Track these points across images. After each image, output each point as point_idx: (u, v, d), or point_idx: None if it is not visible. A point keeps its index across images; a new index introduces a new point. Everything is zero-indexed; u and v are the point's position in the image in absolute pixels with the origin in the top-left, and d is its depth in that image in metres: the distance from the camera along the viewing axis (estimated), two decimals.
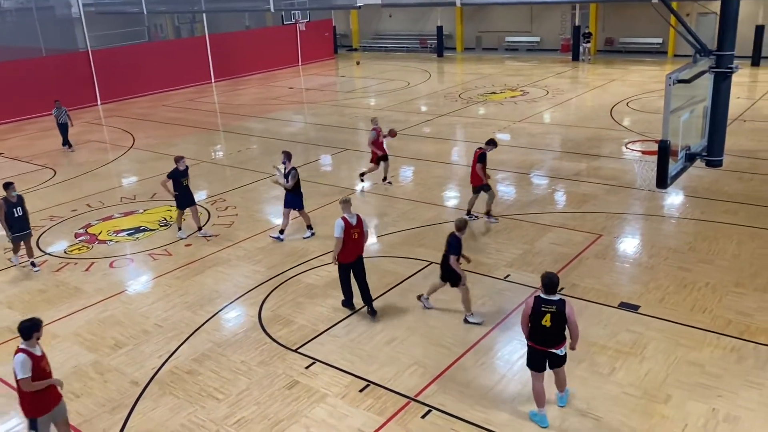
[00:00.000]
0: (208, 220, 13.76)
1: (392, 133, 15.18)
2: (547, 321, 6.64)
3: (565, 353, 6.87)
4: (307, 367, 8.32)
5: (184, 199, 12.59)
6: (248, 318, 9.68)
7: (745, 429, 6.80)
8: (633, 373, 7.81)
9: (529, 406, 7.26)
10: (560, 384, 7.19)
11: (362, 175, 15.49)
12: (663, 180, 6.89)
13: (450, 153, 18.24)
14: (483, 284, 10.25)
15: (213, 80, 33.40)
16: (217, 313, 9.89)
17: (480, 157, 12.36)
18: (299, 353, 8.65)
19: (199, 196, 15.40)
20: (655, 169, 7.13)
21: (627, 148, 17.37)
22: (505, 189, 14.80)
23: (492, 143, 12.70)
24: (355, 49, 44.47)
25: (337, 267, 9.42)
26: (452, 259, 8.80)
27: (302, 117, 24.37)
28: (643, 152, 16.76)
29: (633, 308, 9.26)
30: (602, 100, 23.74)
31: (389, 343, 8.75)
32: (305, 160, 18.16)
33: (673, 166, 7.07)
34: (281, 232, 12.44)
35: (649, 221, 12.51)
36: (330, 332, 9.12)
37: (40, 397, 6.27)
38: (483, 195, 12.53)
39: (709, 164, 7.71)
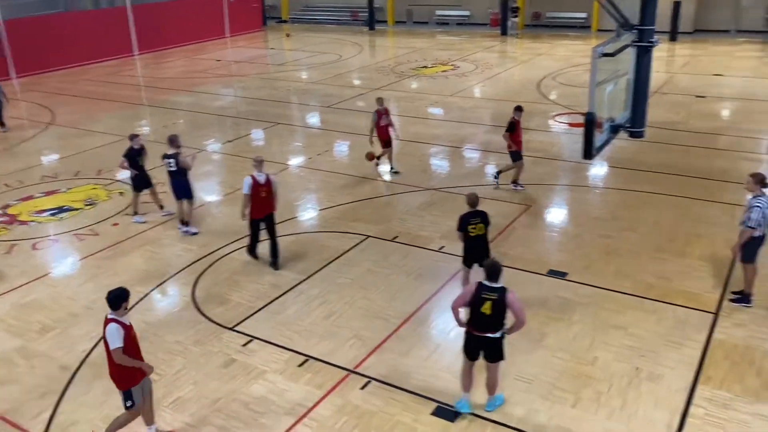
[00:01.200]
0: None
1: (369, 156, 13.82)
2: (487, 309, 6.49)
3: (501, 339, 6.64)
4: (244, 345, 8.26)
5: (141, 180, 11.94)
6: (182, 298, 9.50)
7: (666, 386, 7.23)
8: (562, 338, 8.15)
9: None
10: (490, 385, 6.95)
11: (378, 158, 14.12)
12: (589, 151, 7.15)
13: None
14: (419, 256, 10.40)
15: (136, 53, 32.05)
16: (149, 293, 9.65)
17: (509, 126, 12.54)
18: (236, 331, 8.57)
19: (125, 173, 14.86)
20: (582, 140, 7.39)
21: (554, 120, 17.85)
22: (438, 162, 14.98)
23: (519, 109, 12.72)
24: (285, 21, 43.56)
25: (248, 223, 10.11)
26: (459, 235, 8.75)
27: (231, 90, 23.79)
28: (570, 124, 17.27)
29: (561, 275, 9.62)
30: (530, 74, 24.24)
31: (327, 318, 8.79)
32: (236, 135, 17.81)
33: (598, 138, 7.33)
34: (186, 223, 11.56)
35: (576, 191, 12.97)
36: (267, 309, 9.07)
37: (130, 367, 6.21)
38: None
39: (632, 135, 8.06)
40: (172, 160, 11.17)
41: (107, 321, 6.17)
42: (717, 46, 28.88)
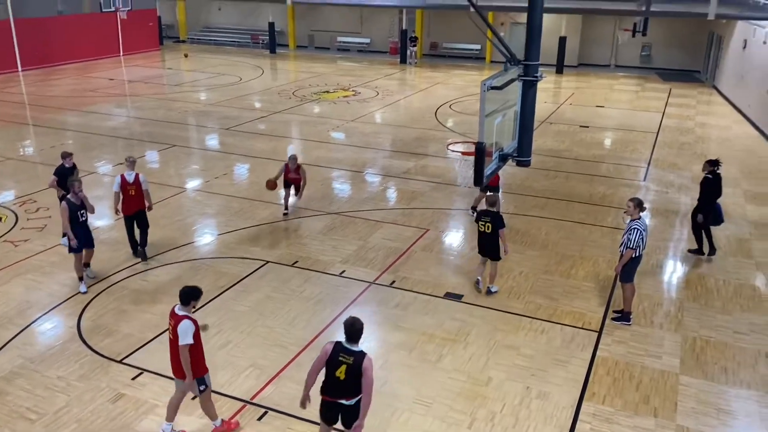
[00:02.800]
0: (16, 223, 12.47)
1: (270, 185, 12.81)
2: (341, 373, 5.91)
3: (357, 406, 6.06)
4: (133, 378, 7.88)
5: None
6: (66, 329, 8.94)
7: (555, 403, 7.58)
8: (458, 359, 8.37)
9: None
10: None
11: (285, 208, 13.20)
12: (480, 178, 7.43)
13: (285, 151, 18.15)
14: (319, 281, 10.37)
15: (20, 69, 30.20)
16: (29, 325, 9.01)
17: None
18: (125, 364, 8.17)
19: (5, 197, 13.92)
20: (473, 168, 7.67)
21: (448, 148, 18.46)
22: (339, 187, 15.06)
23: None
24: (183, 41, 42.59)
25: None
26: (501, 232, 9.69)
27: (125, 111, 22.89)
28: (464, 153, 17.92)
29: (457, 297, 9.90)
30: (428, 101, 24.99)
31: (224, 347, 8.56)
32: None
33: (488, 166, 7.65)
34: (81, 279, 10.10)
35: (470, 216, 13.42)
36: (159, 339, 8.71)
37: (199, 357, 6.69)
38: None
39: (520, 164, 8.45)
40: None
41: (180, 317, 6.58)
42: (599, 79, 31.03)
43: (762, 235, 12.49)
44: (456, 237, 12.41)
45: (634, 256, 8.92)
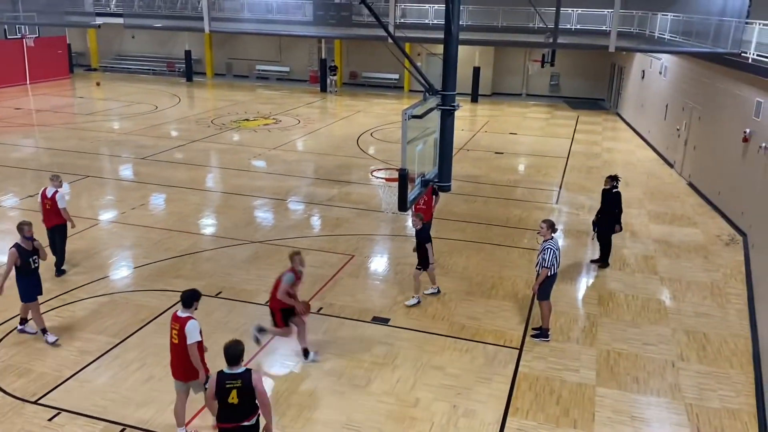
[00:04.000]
0: None
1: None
2: (234, 398, 5.95)
3: (257, 425, 6.17)
4: (50, 419, 7.51)
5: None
6: None
7: (480, 420, 7.79)
8: (386, 382, 8.47)
9: (294, 426, 7.46)
10: None
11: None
12: (403, 203, 7.65)
13: (205, 180, 17.90)
14: (245, 311, 10.25)
15: None
16: None
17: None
18: (40, 404, 7.77)
19: None
20: (397, 194, 7.90)
21: (372, 175, 18.75)
22: (263, 215, 14.98)
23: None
24: (95, 69, 41.29)
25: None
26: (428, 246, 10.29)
27: (33, 141, 21.89)
28: (387, 179, 18.24)
29: (384, 321, 10.04)
30: (349, 129, 25.31)
31: (147, 382, 8.31)
32: (38, 189, 16.32)
33: (411, 191, 7.89)
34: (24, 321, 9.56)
35: (394, 241, 13.67)
36: (77, 377, 8.35)
37: (202, 356, 7.07)
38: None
39: (440, 189, 8.75)
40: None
41: (185, 319, 6.87)
42: (511, 107, 32.39)
43: (665, 252, 13.37)
44: (381, 262, 12.59)
45: (549, 274, 9.36)
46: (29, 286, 9.08)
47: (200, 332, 7.02)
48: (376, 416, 7.78)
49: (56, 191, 11.20)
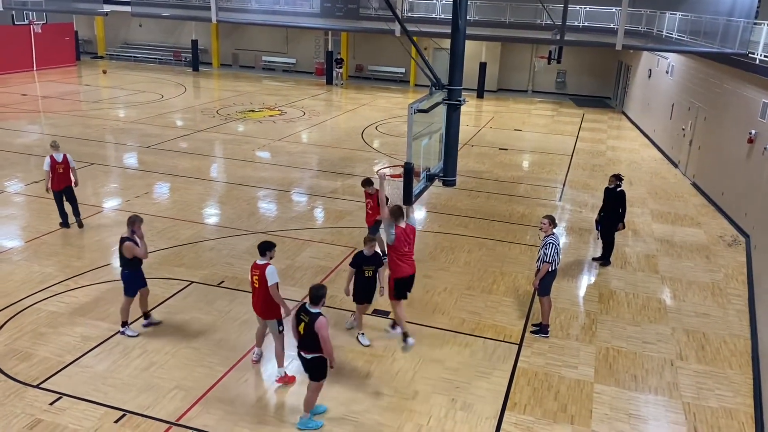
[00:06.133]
0: None
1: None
2: (301, 329, 6.98)
3: (313, 361, 7.06)
4: (51, 403, 7.58)
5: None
6: None
7: (478, 414, 7.84)
8: (386, 375, 8.51)
9: (293, 417, 7.52)
10: (305, 401, 7.35)
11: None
12: (408, 197, 7.70)
13: (209, 169, 17.94)
14: (246, 301, 10.28)
15: None
16: None
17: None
18: (42, 389, 7.84)
19: None
20: (402, 187, 7.94)
21: (377, 174, 18.75)
22: (266, 206, 15.01)
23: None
24: (101, 57, 41.31)
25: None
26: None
27: (39, 127, 21.95)
28: (392, 176, 18.22)
29: (384, 314, 10.07)
30: (354, 122, 25.30)
31: (147, 369, 8.37)
32: (43, 175, 16.40)
33: (416, 185, 7.93)
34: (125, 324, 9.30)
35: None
36: (79, 363, 8.41)
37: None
38: None
39: (445, 184, 8.81)
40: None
41: (263, 265, 7.88)
42: (517, 104, 32.34)
43: (667, 251, 13.37)
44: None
45: (550, 269, 9.38)
46: (137, 279, 9.11)
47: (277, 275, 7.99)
48: (375, 408, 7.82)
49: (64, 155, 12.64)
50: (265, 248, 8.07)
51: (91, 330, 9.20)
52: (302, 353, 7.09)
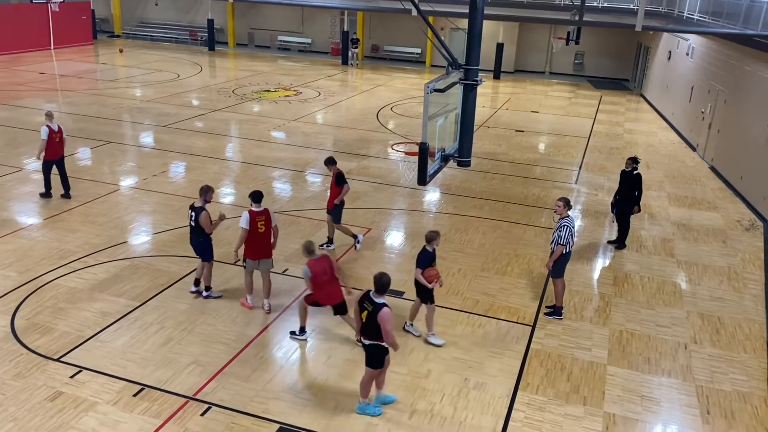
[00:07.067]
0: None
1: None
2: (364, 316, 7.03)
3: (371, 348, 7.10)
4: (72, 377, 7.74)
5: None
6: None
7: (491, 393, 7.90)
8: (399, 353, 8.55)
9: (309, 392, 7.63)
10: (360, 385, 7.46)
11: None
12: (423, 178, 7.70)
13: (224, 149, 18.02)
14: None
15: None
16: None
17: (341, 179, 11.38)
18: (62, 362, 8.00)
19: None
20: (416, 168, 7.93)
21: (392, 149, 18.74)
22: (281, 186, 15.08)
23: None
24: (118, 36, 41.41)
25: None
26: (417, 272, 8.51)
27: (56, 106, 22.12)
28: (406, 153, 18.24)
29: (399, 294, 10.13)
30: (370, 103, 25.23)
31: (165, 345, 8.50)
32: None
33: (430, 166, 7.93)
34: (198, 283, 9.89)
35: (411, 215, 13.72)
36: (98, 338, 8.57)
37: (249, 246, 9.10)
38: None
39: (460, 165, 8.78)
40: (193, 214, 9.48)
41: (265, 210, 9.18)
42: (534, 85, 32.04)
43: (683, 235, 13.29)
44: (397, 236, 12.66)
45: (564, 252, 9.37)
46: (210, 246, 9.65)
47: (251, 220, 8.91)
48: (388, 385, 7.89)
49: (59, 125, 13.10)
50: (261, 196, 9.12)
51: (109, 306, 9.36)
52: (363, 340, 7.22)
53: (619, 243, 12.43)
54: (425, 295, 8.69)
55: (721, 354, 9.02)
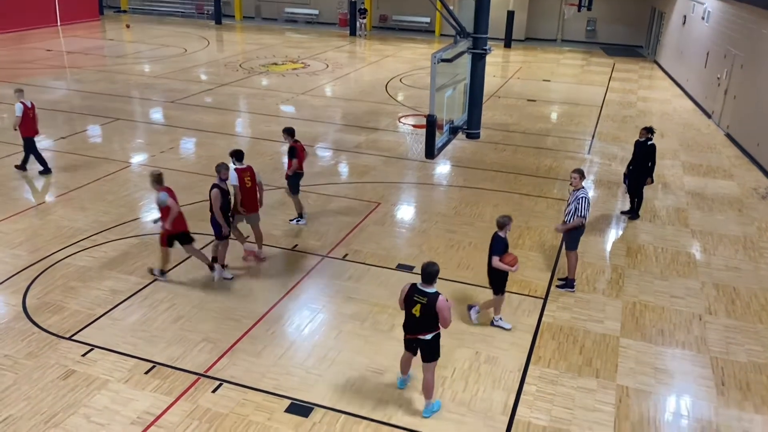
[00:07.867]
0: None
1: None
2: (417, 311, 6.55)
3: (433, 340, 6.72)
4: (83, 355, 7.78)
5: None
6: (10, 307, 8.72)
7: (502, 366, 7.85)
8: None
9: (319, 367, 7.62)
10: (425, 388, 6.97)
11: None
12: (431, 151, 7.56)
13: (234, 124, 17.90)
14: (272, 255, 10.37)
15: None
16: None
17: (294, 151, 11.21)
18: (74, 341, 8.04)
19: None
20: (424, 141, 7.79)
21: (400, 121, 18.53)
22: None
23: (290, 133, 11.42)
24: (124, 11, 41.09)
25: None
26: (495, 259, 8.19)
27: (64, 83, 22.04)
28: (414, 126, 18.03)
29: (409, 269, 10.07)
30: (378, 75, 24.92)
31: (176, 322, 8.51)
32: (71, 131, 16.57)
33: (439, 139, 7.78)
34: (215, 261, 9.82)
35: (421, 189, 13.59)
36: (109, 315, 8.59)
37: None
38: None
39: (469, 136, 8.62)
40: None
41: (249, 166, 9.80)
42: (545, 53, 31.49)
43: (698, 204, 13.08)
44: (407, 210, 12.55)
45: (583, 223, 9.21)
46: (217, 224, 9.42)
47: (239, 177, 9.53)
48: (398, 361, 7.86)
49: (31, 102, 13.32)
50: (242, 154, 9.80)
51: (120, 284, 9.37)
52: (420, 336, 6.68)
53: (633, 213, 12.26)
54: (499, 285, 8.40)
55: (737, 325, 8.90)
